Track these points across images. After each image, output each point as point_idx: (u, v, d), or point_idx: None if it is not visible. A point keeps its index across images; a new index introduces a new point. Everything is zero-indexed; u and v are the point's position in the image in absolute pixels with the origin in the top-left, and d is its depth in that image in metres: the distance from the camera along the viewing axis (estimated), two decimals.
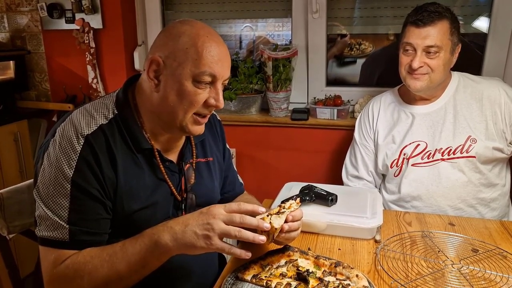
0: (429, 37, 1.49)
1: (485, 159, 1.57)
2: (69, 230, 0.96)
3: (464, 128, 1.58)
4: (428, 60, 1.52)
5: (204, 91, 1.02)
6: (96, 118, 1.03)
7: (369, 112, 1.77)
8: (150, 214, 1.06)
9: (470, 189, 1.59)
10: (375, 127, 1.74)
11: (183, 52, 0.99)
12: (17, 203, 1.23)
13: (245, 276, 1.04)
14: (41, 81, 2.57)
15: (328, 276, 1.03)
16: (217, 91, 1.03)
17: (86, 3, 2.30)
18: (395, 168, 1.67)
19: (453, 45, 1.54)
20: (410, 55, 1.54)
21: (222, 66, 1.02)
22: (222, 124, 1.34)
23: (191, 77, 0.99)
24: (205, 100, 1.03)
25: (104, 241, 1.02)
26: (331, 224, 1.27)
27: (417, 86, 1.56)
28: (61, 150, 0.98)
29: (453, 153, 1.58)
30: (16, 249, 2.03)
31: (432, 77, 1.54)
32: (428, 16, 1.49)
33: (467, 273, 1.06)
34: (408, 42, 1.53)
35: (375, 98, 1.80)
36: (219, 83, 1.03)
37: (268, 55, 2.14)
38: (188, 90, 1.00)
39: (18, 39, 2.54)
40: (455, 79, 1.65)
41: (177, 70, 0.99)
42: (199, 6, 2.46)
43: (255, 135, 2.34)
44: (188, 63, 0.99)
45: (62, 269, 0.96)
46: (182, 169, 1.13)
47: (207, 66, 0.99)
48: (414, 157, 1.63)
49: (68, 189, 0.96)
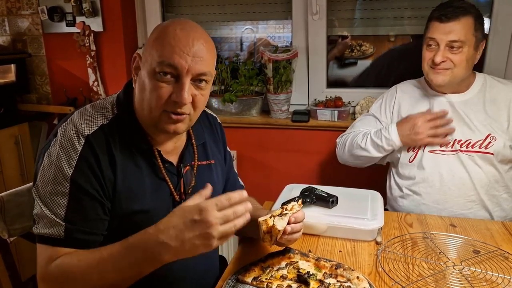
0: (452, 32, 1.49)
1: (503, 158, 1.57)
2: (65, 228, 0.96)
3: (485, 126, 1.57)
4: (451, 55, 1.52)
5: (167, 85, 0.96)
6: (96, 118, 1.03)
7: (395, 94, 1.75)
8: (149, 215, 1.06)
9: (484, 183, 1.58)
10: (398, 108, 1.71)
11: (150, 44, 0.98)
12: (18, 206, 1.23)
13: (246, 278, 1.04)
14: (42, 84, 2.58)
15: (329, 278, 1.03)
16: (182, 86, 0.96)
17: (87, 6, 2.31)
18: (411, 153, 1.65)
19: (477, 41, 1.54)
20: (433, 50, 1.55)
21: (186, 58, 0.95)
22: (222, 127, 1.34)
23: (152, 69, 0.96)
24: (169, 96, 0.97)
25: (99, 241, 1.01)
26: (332, 226, 1.27)
27: (439, 80, 1.56)
28: (61, 149, 0.98)
29: (472, 147, 1.58)
30: (17, 252, 2.04)
31: (455, 72, 1.54)
32: (452, 12, 1.49)
33: (469, 275, 1.06)
34: (432, 37, 1.54)
35: (401, 83, 1.79)
36: (186, 78, 0.96)
37: (268, 57, 2.14)
38: (148, 84, 0.98)
39: (19, 42, 2.55)
40: (480, 77, 1.65)
41: (145, 64, 0.99)
42: (199, 9, 2.47)
43: (255, 137, 2.34)
44: (150, 56, 0.97)
45: (53, 268, 0.95)
46: (181, 171, 1.13)
47: (165, 56, 0.94)
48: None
49: (67, 188, 0.96)
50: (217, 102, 2.30)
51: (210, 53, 1.01)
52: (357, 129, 1.77)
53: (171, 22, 1.00)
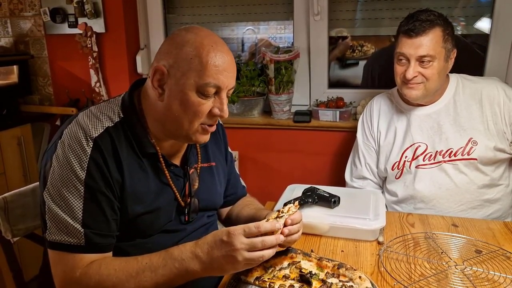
0: (421, 47, 1.48)
1: (487, 160, 1.57)
2: (84, 234, 0.96)
3: (465, 130, 1.57)
4: (422, 69, 1.51)
5: (208, 101, 1.01)
6: (102, 120, 1.03)
7: (371, 111, 1.77)
8: (153, 218, 1.07)
9: (473, 190, 1.59)
10: (376, 127, 1.73)
11: (186, 62, 0.97)
12: (21, 207, 1.24)
13: (248, 278, 1.04)
14: (44, 85, 2.59)
15: (331, 278, 1.03)
16: (222, 100, 1.02)
17: (89, 8, 2.31)
18: (396, 171, 1.67)
19: (447, 52, 1.53)
20: (404, 65, 1.54)
21: (226, 76, 1.00)
22: (224, 128, 1.34)
23: (195, 87, 0.98)
24: (210, 110, 1.02)
25: (113, 243, 1.02)
26: (334, 226, 1.27)
27: (413, 95, 1.56)
28: (71, 151, 0.97)
29: (454, 155, 1.58)
30: (20, 253, 2.04)
31: (427, 86, 1.53)
32: (419, 26, 1.48)
33: (471, 274, 1.06)
34: (401, 52, 1.53)
35: (375, 98, 1.80)
36: (224, 93, 1.02)
37: (270, 58, 2.14)
38: (191, 101, 0.99)
39: (21, 44, 2.56)
40: (453, 81, 1.64)
41: (181, 80, 0.98)
42: (201, 10, 2.47)
43: (257, 137, 2.34)
44: (192, 74, 0.97)
45: (82, 276, 0.95)
46: (187, 173, 1.14)
47: (211, 78, 0.98)
48: (416, 159, 1.62)
49: (82, 190, 0.96)
50: None
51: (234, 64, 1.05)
52: (352, 169, 1.82)
53: (197, 36, 0.99)
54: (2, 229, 1.21)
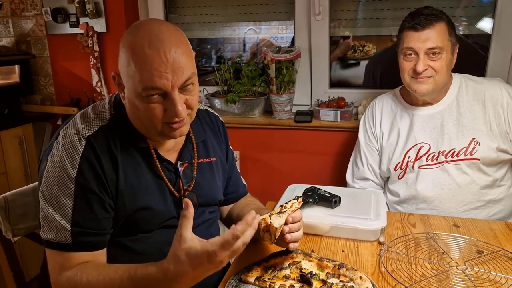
0: (429, 39, 1.49)
1: (490, 161, 1.56)
2: (71, 232, 0.97)
3: (468, 130, 1.57)
4: (432, 62, 1.51)
5: (158, 105, 0.96)
6: (96, 119, 1.05)
7: (373, 112, 1.77)
8: (150, 212, 1.07)
9: (475, 191, 1.58)
10: (379, 127, 1.73)
11: (125, 67, 0.96)
12: (22, 206, 1.24)
13: (249, 278, 1.04)
14: (45, 85, 2.59)
15: (332, 278, 1.03)
16: (172, 101, 0.95)
17: (90, 8, 2.32)
18: (399, 171, 1.66)
19: (453, 46, 1.54)
20: (413, 59, 1.54)
21: (166, 77, 0.92)
22: (225, 126, 1.34)
23: (137, 95, 0.95)
24: (164, 111, 0.97)
25: (106, 241, 1.03)
26: (334, 226, 1.27)
27: (423, 89, 1.55)
28: (64, 151, 1.00)
29: (457, 155, 1.57)
30: (21, 252, 2.05)
31: (437, 79, 1.53)
32: (425, 19, 1.49)
33: (472, 275, 1.05)
34: (409, 46, 1.52)
35: (377, 98, 1.80)
36: (173, 93, 0.94)
37: (271, 58, 2.14)
38: (141, 107, 0.97)
39: (23, 44, 2.56)
40: (456, 80, 1.64)
41: (127, 85, 0.98)
42: (202, 10, 2.47)
43: (258, 137, 2.34)
44: (131, 80, 0.95)
45: (64, 281, 0.96)
46: (178, 169, 1.14)
47: (147, 82, 0.92)
48: (419, 159, 1.62)
49: (72, 189, 0.98)
50: (220, 102, 2.30)
51: (186, 54, 0.96)
52: (354, 170, 1.82)
53: (135, 37, 0.94)
54: (2, 228, 1.21)
